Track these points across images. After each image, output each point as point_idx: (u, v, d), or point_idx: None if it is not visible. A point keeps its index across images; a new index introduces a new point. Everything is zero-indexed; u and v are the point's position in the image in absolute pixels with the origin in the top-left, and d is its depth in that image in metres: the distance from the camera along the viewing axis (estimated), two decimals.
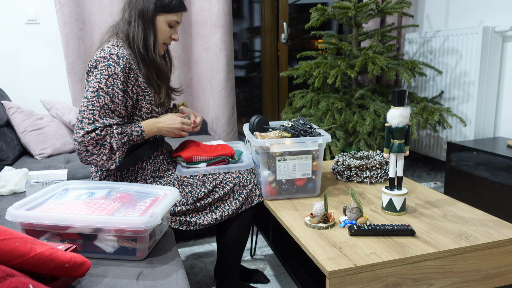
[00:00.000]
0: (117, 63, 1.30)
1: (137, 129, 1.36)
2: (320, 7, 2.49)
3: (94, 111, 1.27)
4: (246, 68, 3.51)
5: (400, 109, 1.23)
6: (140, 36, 1.38)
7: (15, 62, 2.52)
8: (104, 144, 1.27)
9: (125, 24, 1.40)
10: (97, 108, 1.27)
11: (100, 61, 1.30)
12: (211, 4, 2.68)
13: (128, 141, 1.33)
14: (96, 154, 1.27)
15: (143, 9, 1.37)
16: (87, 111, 1.26)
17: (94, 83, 1.28)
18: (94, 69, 1.31)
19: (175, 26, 1.45)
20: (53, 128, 2.25)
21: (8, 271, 0.73)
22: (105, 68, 1.29)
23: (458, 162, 2.33)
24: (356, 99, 2.47)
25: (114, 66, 1.30)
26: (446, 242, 1.10)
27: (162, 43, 1.45)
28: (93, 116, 1.26)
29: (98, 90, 1.28)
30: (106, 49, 1.32)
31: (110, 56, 1.30)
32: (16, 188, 1.72)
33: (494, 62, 2.54)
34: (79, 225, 1.04)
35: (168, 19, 1.41)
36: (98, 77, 1.29)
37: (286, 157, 1.42)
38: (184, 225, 1.40)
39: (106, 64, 1.29)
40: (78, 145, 1.26)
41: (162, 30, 1.42)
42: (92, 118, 1.26)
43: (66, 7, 2.40)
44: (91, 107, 1.27)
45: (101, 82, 1.28)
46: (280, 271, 1.86)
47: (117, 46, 1.34)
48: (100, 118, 1.27)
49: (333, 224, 1.22)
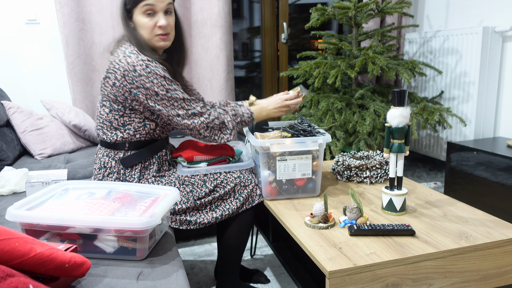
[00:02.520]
0: (155, 66, 1.33)
1: (247, 111, 1.49)
2: (320, 7, 2.49)
3: (182, 104, 1.36)
4: (246, 68, 3.50)
5: (400, 109, 1.23)
6: (132, 39, 1.39)
7: (15, 62, 2.52)
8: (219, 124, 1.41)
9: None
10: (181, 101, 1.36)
11: (133, 68, 1.31)
12: (211, 4, 2.68)
13: (241, 122, 1.47)
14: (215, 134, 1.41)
15: (121, 12, 1.39)
16: (182, 109, 1.35)
17: (158, 90, 1.32)
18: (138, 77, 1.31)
19: (155, 12, 1.35)
20: (53, 128, 2.25)
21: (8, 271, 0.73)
22: (152, 74, 1.32)
23: (458, 162, 2.33)
24: (356, 99, 2.47)
25: (156, 68, 1.32)
26: (446, 242, 1.10)
27: (153, 36, 1.38)
28: (189, 106, 1.36)
29: (168, 91, 1.33)
30: (132, 56, 1.33)
31: (143, 63, 1.32)
32: (16, 188, 1.72)
33: (494, 62, 2.54)
34: (79, 225, 1.04)
35: (140, 10, 1.34)
36: (156, 83, 1.32)
37: (286, 157, 1.42)
38: (184, 224, 1.40)
39: (149, 69, 1.31)
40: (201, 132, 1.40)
41: (142, 23, 1.36)
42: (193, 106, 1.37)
43: (66, 7, 2.40)
44: (183, 103, 1.35)
45: (162, 84, 1.32)
46: (280, 271, 1.86)
47: (137, 52, 1.36)
48: (195, 102, 1.38)
49: (333, 224, 1.22)
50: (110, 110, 1.39)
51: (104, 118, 1.41)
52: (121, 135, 1.40)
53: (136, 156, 1.42)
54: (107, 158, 1.43)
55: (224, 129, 1.43)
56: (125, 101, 1.37)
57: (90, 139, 2.41)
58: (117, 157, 1.42)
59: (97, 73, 2.58)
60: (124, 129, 1.40)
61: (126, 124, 1.40)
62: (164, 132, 1.50)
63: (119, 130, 1.40)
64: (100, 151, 1.46)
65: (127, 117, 1.39)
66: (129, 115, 1.39)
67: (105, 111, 1.41)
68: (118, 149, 1.42)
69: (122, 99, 1.36)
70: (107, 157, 1.43)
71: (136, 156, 1.42)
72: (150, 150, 1.45)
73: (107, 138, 1.42)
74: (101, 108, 1.42)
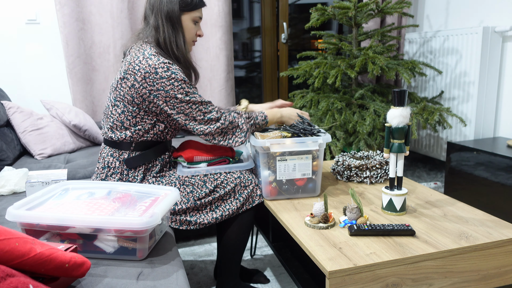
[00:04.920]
0: (175, 68, 1.34)
1: (261, 115, 1.53)
2: (320, 7, 2.49)
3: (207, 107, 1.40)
4: (246, 68, 3.50)
5: (400, 109, 1.23)
6: (172, 39, 1.41)
7: (15, 62, 2.52)
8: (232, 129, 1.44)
9: (152, 30, 1.42)
10: (199, 104, 1.38)
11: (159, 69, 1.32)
12: (211, 4, 2.68)
13: (254, 124, 1.51)
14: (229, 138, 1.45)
15: (168, 11, 1.40)
16: (200, 113, 1.38)
17: (177, 94, 1.34)
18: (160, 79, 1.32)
19: (198, 22, 1.49)
20: (53, 128, 2.25)
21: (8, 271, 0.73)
22: (174, 78, 1.33)
23: (458, 162, 2.33)
24: (356, 99, 2.47)
25: (176, 71, 1.34)
26: (446, 242, 1.10)
27: (191, 41, 1.49)
28: (206, 110, 1.39)
29: (187, 94, 1.35)
30: (153, 58, 1.34)
31: (165, 65, 1.33)
32: (16, 188, 1.72)
33: (494, 62, 2.54)
34: (79, 225, 1.04)
35: (192, 16, 1.44)
36: (177, 85, 1.34)
37: (286, 157, 1.42)
38: (184, 224, 1.40)
39: (170, 72, 1.33)
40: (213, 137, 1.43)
41: (189, 28, 1.45)
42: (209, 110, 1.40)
43: (66, 7, 2.40)
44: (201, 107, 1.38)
45: (182, 87, 1.34)
46: (280, 271, 1.86)
47: (158, 53, 1.37)
48: (211, 105, 1.41)
49: (333, 224, 1.22)
50: (122, 110, 1.39)
51: (115, 118, 1.41)
52: (130, 135, 1.41)
53: (140, 158, 1.42)
54: (111, 158, 1.43)
55: (238, 132, 1.46)
56: (142, 103, 1.37)
57: (90, 139, 2.41)
58: (122, 158, 1.42)
59: (97, 73, 2.58)
60: (134, 129, 1.41)
61: (137, 125, 1.40)
62: (171, 135, 1.51)
63: (129, 130, 1.41)
64: (105, 150, 1.45)
65: (139, 118, 1.40)
66: (142, 117, 1.40)
67: (117, 111, 1.40)
68: (123, 149, 1.42)
69: (139, 100, 1.37)
70: (112, 157, 1.43)
71: (140, 158, 1.42)
72: (155, 152, 1.45)
73: (115, 136, 1.42)
74: (112, 107, 1.42)
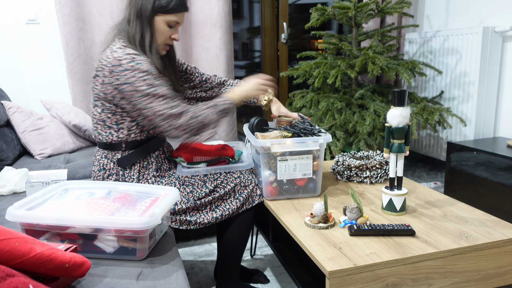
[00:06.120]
0: (140, 59, 1.31)
1: (223, 99, 1.42)
2: (320, 7, 2.49)
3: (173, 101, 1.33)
4: (246, 68, 3.51)
5: (400, 109, 1.23)
6: (137, 36, 1.37)
7: (15, 62, 2.52)
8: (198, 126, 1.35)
9: (126, 23, 1.40)
10: (163, 98, 1.32)
11: (123, 61, 1.30)
12: (211, 4, 2.68)
13: (221, 111, 1.40)
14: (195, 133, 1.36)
15: (141, 8, 1.36)
16: (164, 107, 1.31)
17: (140, 86, 1.29)
18: (124, 71, 1.30)
19: (175, 26, 1.43)
20: (53, 128, 2.25)
21: (8, 271, 0.73)
22: (137, 69, 1.29)
23: (458, 162, 2.33)
24: (356, 99, 2.47)
25: (141, 61, 1.31)
26: (446, 242, 1.10)
27: (163, 44, 1.43)
28: (172, 104, 1.32)
29: (151, 86, 1.30)
30: (118, 51, 1.32)
31: (129, 56, 1.30)
32: (16, 188, 1.72)
33: (494, 62, 2.53)
34: (79, 225, 1.04)
35: (167, 19, 1.39)
36: (140, 76, 1.30)
37: (287, 157, 1.42)
38: (184, 224, 1.40)
39: (134, 63, 1.29)
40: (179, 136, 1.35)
41: (161, 30, 1.40)
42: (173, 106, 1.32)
43: (66, 7, 2.40)
44: (164, 101, 1.31)
45: (146, 79, 1.30)
46: (280, 271, 1.86)
47: (126, 47, 1.35)
48: (174, 102, 1.33)
49: (333, 224, 1.22)
50: (102, 109, 1.39)
51: (97, 118, 1.41)
52: (116, 135, 1.40)
53: (131, 156, 1.42)
54: (106, 160, 1.42)
55: (205, 127, 1.37)
56: (114, 98, 1.35)
57: (90, 139, 2.41)
58: (115, 158, 1.42)
59: None
60: (117, 128, 1.39)
61: (119, 123, 1.39)
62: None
63: (113, 129, 1.40)
64: (98, 152, 1.45)
65: (119, 115, 1.38)
66: (121, 114, 1.38)
67: (97, 111, 1.40)
68: (115, 149, 1.42)
69: (111, 96, 1.35)
70: (106, 158, 1.42)
71: (131, 156, 1.42)
72: (146, 149, 1.44)
73: (103, 138, 1.41)
74: (93, 108, 1.41)
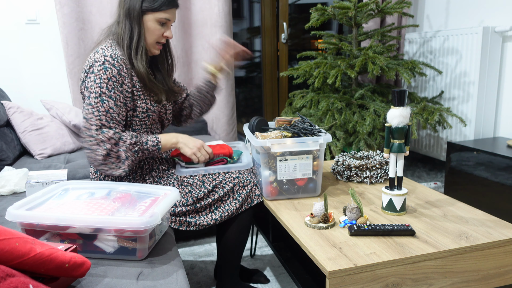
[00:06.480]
0: (112, 64, 1.30)
1: (153, 140, 1.36)
2: (320, 7, 2.49)
3: (101, 116, 1.27)
4: (246, 68, 3.51)
5: (400, 109, 1.23)
6: (126, 37, 1.37)
7: (15, 62, 2.52)
8: (113, 155, 1.27)
9: (116, 24, 1.41)
10: (103, 113, 1.27)
11: (96, 63, 1.30)
12: (211, 4, 2.68)
13: (141, 150, 1.33)
14: (105, 164, 1.27)
15: (129, 8, 1.37)
16: (94, 118, 1.27)
17: (95, 88, 1.28)
18: (91, 74, 1.30)
19: (167, 23, 1.41)
20: (53, 128, 2.25)
21: (8, 271, 0.73)
22: (103, 72, 1.29)
23: (458, 162, 2.33)
24: (356, 99, 2.47)
25: (111, 69, 1.29)
26: (446, 242, 1.10)
27: (155, 42, 1.42)
28: (100, 121, 1.27)
29: (101, 95, 1.28)
30: (100, 51, 1.32)
31: (105, 59, 1.30)
32: (16, 188, 1.72)
33: (494, 62, 2.54)
34: (79, 225, 1.04)
35: (157, 17, 1.38)
36: (98, 81, 1.28)
37: (287, 157, 1.42)
38: (184, 225, 1.40)
39: (103, 67, 1.29)
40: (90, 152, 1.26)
41: (152, 29, 1.39)
42: (100, 124, 1.27)
43: (66, 7, 2.40)
44: (96, 113, 1.27)
45: (102, 86, 1.28)
46: (280, 271, 1.86)
47: (110, 47, 1.34)
48: (107, 122, 1.28)
49: (333, 224, 1.22)
50: None
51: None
52: None
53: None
54: None
55: (116, 164, 1.29)
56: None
57: None
58: None
59: None
60: None
61: None
62: (150, 131, 1.47)
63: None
64: None
65: None
66: None
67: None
68: None
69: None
70: None
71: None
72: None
73: None
74: (83, 110, 1.41)
